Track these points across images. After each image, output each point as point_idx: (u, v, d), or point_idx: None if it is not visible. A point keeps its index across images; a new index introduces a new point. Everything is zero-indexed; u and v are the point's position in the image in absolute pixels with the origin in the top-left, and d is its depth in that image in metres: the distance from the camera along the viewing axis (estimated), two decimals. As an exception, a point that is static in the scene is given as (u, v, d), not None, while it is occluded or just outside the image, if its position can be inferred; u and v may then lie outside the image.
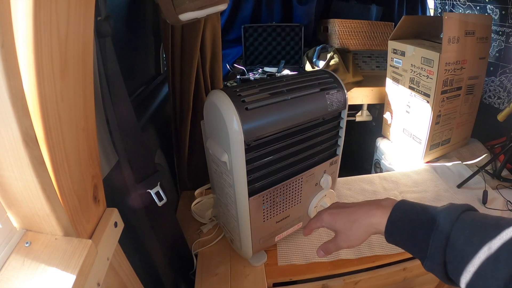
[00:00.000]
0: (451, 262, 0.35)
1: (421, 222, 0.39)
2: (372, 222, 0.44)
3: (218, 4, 0.67)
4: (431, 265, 0.38)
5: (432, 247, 0.37)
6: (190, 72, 0.84)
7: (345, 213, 0.47)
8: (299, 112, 0.61)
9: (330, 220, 0.49)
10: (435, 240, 0.36)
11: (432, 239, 0.37)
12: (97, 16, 0.46)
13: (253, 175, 0.61)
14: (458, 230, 0.35)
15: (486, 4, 1.36)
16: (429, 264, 0.38)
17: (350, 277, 0.78)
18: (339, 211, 0.48)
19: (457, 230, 0.35)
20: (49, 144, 0.34)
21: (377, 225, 0.43)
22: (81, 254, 0.37)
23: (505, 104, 1.32)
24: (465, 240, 0.34)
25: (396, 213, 0.42)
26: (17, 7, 0.29)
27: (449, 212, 0.37)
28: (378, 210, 0.44)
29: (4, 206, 0.37)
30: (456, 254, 0.35)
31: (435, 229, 0.37)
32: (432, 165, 1.21)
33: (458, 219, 0.36)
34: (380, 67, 1.61)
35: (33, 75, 0.32)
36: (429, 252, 0.37)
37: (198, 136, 0.94)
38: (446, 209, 0.38)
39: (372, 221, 0.44)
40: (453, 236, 0.35)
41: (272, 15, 1.70)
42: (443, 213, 0.38)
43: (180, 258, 0.78)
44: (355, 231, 0.45)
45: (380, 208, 0.43)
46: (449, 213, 0.37)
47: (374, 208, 0.44)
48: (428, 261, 0.38)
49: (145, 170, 0.61)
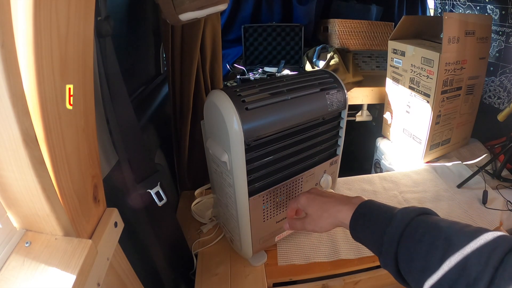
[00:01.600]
0: (402, 260, 0.37)
1: (380, 219, 0.41)
2: (339, 216, 0.47)
3: (218, 4, 0.67)
4: (385, 261, 0.39)
5: (386, 243, 0.38)
6: (190, 72, 0.84)
7: (319, 201, 0.51)
8: (299, 112, 0.61)
9: (305, 203, 0.53)
10: (389, 236, 0.38)
11: (387, 234, 0.38)
12: (97, 16, 0.46)
13: (253, 175, 0.61)
14: (412, 228, 0.37)
15: (486, 4, 1.36)
16: (383, 261, 0.40)
17: (350, 277, 0.78)
18: (315, 197, 0.53)
19: (410, 229, 0.37)
20: (49, 144, 0.34)
21: (343, 219, 0.46)
22: (81, 254, 0.37)
23: (505, 104, 1.32)
24: (417, 239, 0.36)
25: (360, 210, 0.45)
26: (17, 7, 0.29)
27: (406, 212, 0.39)
28: (345, 206, 0.47)
29: (4, 206, 0.37)
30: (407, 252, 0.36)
31: (390, 226, 0.39)
32: (432, 165, 1.21)
33: (413, 219, 0.38)
34: (380, 67, 1.61)
35: (33, 75, 0.32)
36: (383, 247, 0.39)
37: (198, 136, 0.94)
38: (404, 209, 0.40)
39: (338, 216, 0.47)
40: (406, 234, 0.37)
41: (272, 15, 1.70)
42: (400, 212, 0.40)
43: (180, 258, 0.78)
44: (323, 220, 0.49)
45: (348, 204, 0.47)
46: (406, 213, 0.39)
47: (343, 203, 0.48)
48: (382, 257, 0.39)
49: (145, 170, 0.61)
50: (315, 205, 0.51)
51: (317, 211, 0.50)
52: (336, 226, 0.49)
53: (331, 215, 0.48)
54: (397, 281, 0.39)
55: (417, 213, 0.39)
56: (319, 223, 0.50)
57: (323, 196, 0.52)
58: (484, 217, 0.93)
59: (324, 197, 0.52)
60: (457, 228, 0.34)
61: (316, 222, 0.50)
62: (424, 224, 0.36)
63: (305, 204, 0.53)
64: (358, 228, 0.44)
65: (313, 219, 0.51)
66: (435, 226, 0.36)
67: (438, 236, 0.34)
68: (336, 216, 0.48)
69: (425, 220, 0.37)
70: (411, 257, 0.36)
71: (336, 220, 0.48)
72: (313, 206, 0.51)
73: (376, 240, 0.40)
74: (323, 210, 0.50)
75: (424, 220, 0.37)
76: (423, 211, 0.39)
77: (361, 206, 0.45)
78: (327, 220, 0.49)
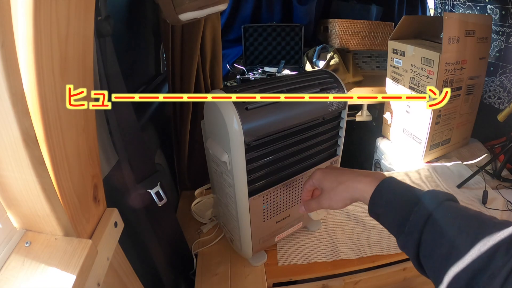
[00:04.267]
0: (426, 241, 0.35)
1: (406, 197, 0.39)
2: (358, 187, 0.44)
3: (218, 4, 0.67)
4: (406, 242, 0.37)
5: (412, 222, 0.36)
6: (190, 72, 0.84)
7: (335, 173, 0.48)
8: (299, 112, 0.61)
9: (320, 177, 0.50)
10: (416, 215, 0.36)
11: (414, 214, 0.37)
12: (97, 16, 0.46)
13: (253, 175, 0.61)
14: (441, 211, 0.35)
15: (486, 4, 1.36)
16: (404, 241, 0.38)
17: (350, 277, 0.78)
18: (330, 170, 0.49)
19: (440, 211, 0.35)
20: (49, 144, 0.34)
21: (362, 191, 0.43)
22: (81, 254, 0.37)
23: (505, 104, 1.32)
24: (446, 222, 0.34)
25: (384, 184, 0.42)
26: (17, 7, 0.29)
27: (435, 194, 0.37)
28: (366, 178, 0.44)
29: (4, 206, 0.37)
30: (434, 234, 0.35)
31: (418, 206, 0.37)
32: (432, 165, 1.21)
33: (442, 203, 0.36)
34: (380, 67, 1.60)
35: (33, 75, 0.32)
36: (408, 226, 0.37)
37: (198, 136, 0.94)
38: (433, 191, 0.38)
39: (358, 187, 0.44)
40: (435, 215, 0.35)
41: (272, 15, 1.69)
42: (429, 193, 0.38)
43: (180, 258, 0.78)
44: (340, 192, 0.46)
45: (369, 177, 0.44)
46: (435, 195, 0.37)
47: (364, 175, 0.44)
48: (404, 237, 0.37)
49: (145, 170, 0.61)
50: (330, 177, 0.48)
51: (332, 183, 0.47)
52: (353, 200, 0.45)
53: (348, 187, 0.45)
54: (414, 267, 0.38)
55: (446, 197, 0.37)
56: (334, 197, 0.47)
57: (340, 169, 0.49)
58: (484, 217, 0.93)
59: (341, 169, 0.48)
60: (486, 218, 0.33)
61: (331, 197, 0.47)
62: (454, 210, 0.35)
63: (320, 178, 0.49)
64: (381, 203, 0.41)
65: (328, 193, 0.47)
66: (465, 213, 0.34)
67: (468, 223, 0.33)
68: (354, 188, 0.44)
69: (454, 206, 0.36)
70: (436, 241, 0.34)
71: (355, 193, 0.44)
72: (329, 179, 0.48)
73: (399, 220, 0.38)
74: (339, 182, 0.46)
75: (453, 206, 0.36)
76: (451, 197, 0.38)
77: (386, 180, 0.42)
78: (344, 193, 0.45)
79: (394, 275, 0.81)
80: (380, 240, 0.84)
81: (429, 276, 0.36)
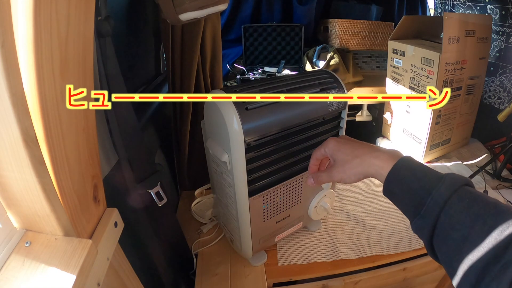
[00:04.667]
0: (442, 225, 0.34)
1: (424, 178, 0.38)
2: (375, 163, 0.42)
3: (218, 4, 0.67)
4: (421, 224, 0.37)
5: (429, 205, 0.35)
6: (190, 72, 0.84)
7: (351, 145, 0.46)
8: (299, 112, 0.61)
9: (334, 147, 0.47)
10: (434, 198, 0.35)
11: (432, 196, 0.36)
12: (97, 16, 0.46)
13: (253, 175, 0.61)
14: (459, 196, 0.34)
15: (486, 4, 1.36)
16: (420, 223, 0.37)
17: (350, 277, 0.78)
18: (346, 141, 0.47)
19: (458, 196, 0.34)
20: (49, 144, 0.34)
21: (379, 168, 0.41)
22: (81, 254, 0.37)
23: (505, 104, 1.32)
24: (464, 207, 0.33)
25: (403, 163, 0.40)
26: (17, 7, 0.29)
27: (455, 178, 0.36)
28: (384, 154, 0.42)
29: (4, 206, 0.37)
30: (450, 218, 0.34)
31: (437, 188, 0.36)
32: (432, 165, 1.21)
33: (462, 187, 0.35)
34: (380, 67, 1.60)
35: (33, 75, 0.32)
36: (424, 209, 0.36)
37: (198, 136, 0.94)
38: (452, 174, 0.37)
39: (374, 162, 0.42)
40: (453, 200, 0.34)
41: (272, 15, 1.69)
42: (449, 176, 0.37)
43: (180, 258, 0.78)
44: (354, 166, 0.44)
45: (387, 154, 0.42)
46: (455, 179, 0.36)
47: (382, 151, 0.43)
48: (420, 219, 0.37)
49: (145, 170, 0.61)
50: (346, 148, 0.45)
51: (347, 155, 0.44)
52: (366, 176, 0.43)
53: (364, 161, 0.43)
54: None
55: (464, 182, 0.36)
56: (348, 171, 0.44)
57: (355, 142, 0.46)
58: (484, 217, 0.93)
59: (357, 142, 0.46)
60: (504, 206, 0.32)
61: (345, 170, 0.44)
62: (472, 195, 0.34)
63: (334, 148, 0.47)
64: (398, 182, 0.39)
65: (342, 167, 0.45)
66: (483, 199, 0.34)
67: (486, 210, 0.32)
68: (371, 163, 0.42)
69: (473, 192, 0.35)
70: (451, 226, 0.33)
71: (370, 168, 0.42)
72: (344, 150, 0.45)
73: (416, 200, 0.37)
74: (355, 155, 0.44)
75: (471, 191, 0.35)
76: (469, 183, 0.37)
77: (405, 159, 0.40)
78: (358, 167, 0.43)
79: (394, 275, 0.81)
80: (380, 240, 0.84)
81: (441, 262, 0.35)
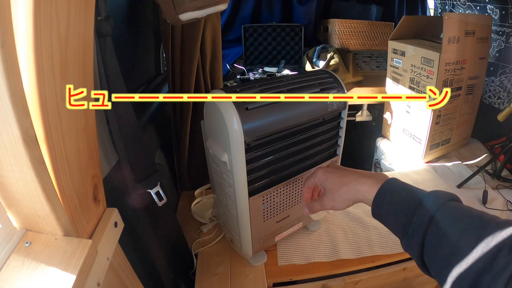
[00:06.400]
0: (430, 243, 0.35)
1: (409, 198, 0.39)
2: (361, 189, 0.44)
3: (218, 4, 0.67)
4: (409, 243, 0.37)
5: (415, 224, 0.37)
6: (190, 72, 0.84)
7: (338, 174, 0.48)
8: (299, 112, 0.61)
9: (322, 177, 0.49)
10: (419, 217, 0.36)
11: (417, 216, 0.37)
12: (97, 16, 0.46)
13: (253, 175, 0.61)
14: (444, 212, 0.35)
15: (486, 4, 1.36)
16: (408, 242, 0.38)
17: (350, 277, 0.78)
18: (333, 170, 0.49)
19: (442, 212, 0.35)
20: (49, 144, 0.34)
21: (365, 193, 0.43)
22: (81, 254, 0.37)
23: (505, 104, 1.32)
24: (449, 223, 0.34)
25: (387, 186, 0.42)
26: (17, 7, 0.29)
27: (438, 195, 0.37)
28: (369, 179, 0.44)
29: (4, 206, 0.37)
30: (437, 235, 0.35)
31: (421, 207, 0.37)
32: (432, 165, 1.21)
33: (445, 204, 0.36)
34: (380, 67, 1.60)
35: (33, 75, 0.32)
36: (411, 228, 0.37)
37: (198, 136, 0.94)
38: (436, 192, 0.38)
39: (361, 188, 0.44)
40: (438, 217, 0.35)
41: (272, 15, 1.69)
42: (432, 194, 0.38)
43: (180, 258, 0.78)
44: (342, 193, 0.46)
45: (372, 178, 0.44)
46: (438, 196, 0.37)
47: (367, 176, 0.45)
48: (408, 239, 0.38)
49: (145, 170, 0.61)
50: (333, 177, 0.47)
51: (335, 184, 0.47)
52: (356, 201, 0.45)
53: (351, 188, 0.45)
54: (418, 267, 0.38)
55: (448, 198, 0.37)
56: (337, 198, 0.46)
57: (341, 170, 0.48)
58: (484, 217, 0.93)
59: (342, 170, 0.48)
60: (489, 217, 0.33)
61: (334, 198, 0.47)
62: (456, 210, 0.35)
63: (323, 178, 0.49)
64: (384, 205, 0.41)
65: (332, 195, 0.47)
66: (468, 213, 0.34)
67: (471, 223, 0.33)
68: (357, 190, 0.44)
69: (457, 206, 0.36)
70: (439, 242, 0.34)
71: (357, 194, 0.44)
72: (332, 179, 0.48)
73: (402, 221, 0.38)
74: (343, 183, 0.46)
75: (456, 206, 0.36)
76: (454, 198, 0.38)
77: (389, 182, 0.42)
78: (346, 194, 0.45)
79: (394, 275, 0.81)
80: (380, 240, 0.84)
81: (434, 277, 0.36)
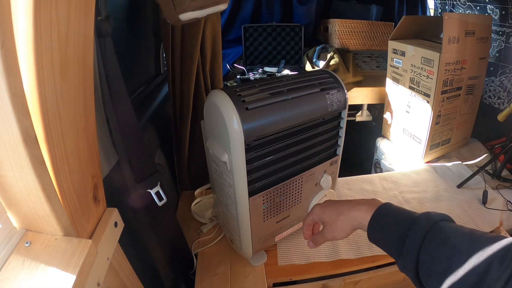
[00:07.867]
0: (424, 262, 0.37)
1: (402, 221, 0.41)
2: (356, 216, 0.46)
3: (218, 4, 0.67)
4: (405, 264, 0.39)
5: (409, 244, 0.38)
6: (190, 72, 0.84)
7: (333, 206, 0.50)
8: (299, 112, 0.61)
9: (319, 212, 0.52)
10: (412, 238, 0.38)
11: (410, 237, 0.39)
12: (97, 16, 0.46)
13: (253, 175, 0.61)
14: (435, 232, 0.37)
15: (486, 4, 1.36)
16: (403, 263, 0.39)
17: (350, 277, 0.78)
18: (328, 204, 0.52)
19: (434, 232, 0.37)
20: (49, 144, 0.34)
21: (360, 219, 0.45)
22: (81, 254, 0.37)
23: (505, 104, 1.32)
24: (440, 242, 0.36)
25: (380, 211, 0.44)
26: (17, 7, 0.29)
27: (429, 216, 0.39)
28: (363, 206, 0.46)
29: (4, 206, 0.37)
30: (429, 254, 0.37)
31: (413, 228, 0.39)
32: (432, 165, 1.21)
33: (436, 224, 0.38)
34: (380, 67, 1.61)
35: (33, 75, 0.32)
36: (405, 249, 0.39)
37: (198, 136, 0.94)
38: (427, 213, 0.40)
39: (355, 215, 0.46)
40: (429, 237, 0.37)
41: (272, 15, 1.70)
42: (423, 216, 0.40)
43: (180, 258, 0.78)
44: (340, 223, 0.48)
45: (365, 205, 0.46)
46: (429, 217, 0.39)
47: (360, 204, 0.47)
48: (403, 259, 0.39)
49: (145, 170, 0.61)
50: (330, 210, 0.50)
51: (332, 215, 0.49)
52: (354, 228, 0.47)
53: (347, 216, 0.47)
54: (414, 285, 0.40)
55: (439, 218, 0.39)
56: (336, 228, 0.48)
57: (337, 201, 0.51)
58: (484, 217, 0.93)
59: (338, 201, 0.51)
60: (479, 234, 0.35)
61: (333, 228, 0.49)
62: (447, 229, 0.37)
63: (320, 213, 0.51)
64: (378, 229, 0.43)
65: (331, 226, 0.49)
66: (458, 231, 0.36)
67: (461, 240, 0.35)
68: (353, 217, 0.46)
69: (448, 226, 0.38)
70: (433, 260, 0.36)
71: (354, 221, 0.46)
72: (328, 212, 0.50)
73: (397, 243, 0.40)
74: (338, 213, 0.48)
75: (446, 226, 0.38)
76: (445, 218, 0.40)
77: (381, 207, 0.45)
78: (343, 223, 0.47)
79: (394, 275, 0.81)
80: (380, 240, 0.84)
81: None
